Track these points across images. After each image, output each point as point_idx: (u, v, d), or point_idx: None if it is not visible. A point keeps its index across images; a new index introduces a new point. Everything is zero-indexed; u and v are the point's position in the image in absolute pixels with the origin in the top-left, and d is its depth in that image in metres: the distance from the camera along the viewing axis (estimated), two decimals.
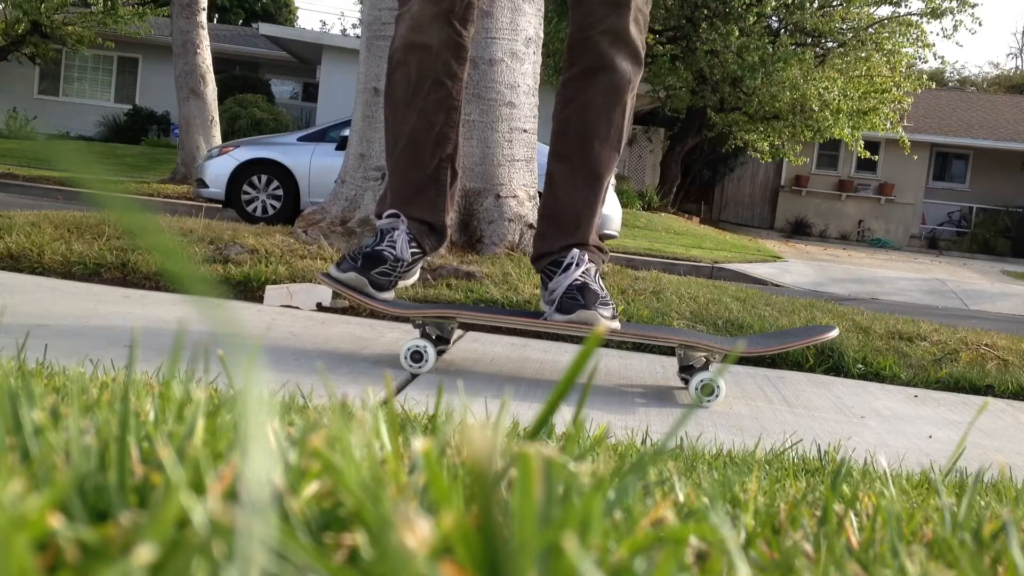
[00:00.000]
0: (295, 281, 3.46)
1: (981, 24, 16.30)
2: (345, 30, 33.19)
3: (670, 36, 16.50)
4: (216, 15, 30.19)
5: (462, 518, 0.35)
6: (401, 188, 2.47)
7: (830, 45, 16.69)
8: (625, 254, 9.52)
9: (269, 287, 3.36)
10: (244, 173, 9.39)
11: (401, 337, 2.83)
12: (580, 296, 2.28)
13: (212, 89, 12.59)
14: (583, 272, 2.33)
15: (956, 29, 16.36)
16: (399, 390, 2.09)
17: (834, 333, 2.44)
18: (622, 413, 2.13)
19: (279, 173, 9.40)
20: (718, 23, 15.18)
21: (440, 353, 2.47)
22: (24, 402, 0.51)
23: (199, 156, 11.62)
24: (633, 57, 2.40)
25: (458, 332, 2.99)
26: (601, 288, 2.36)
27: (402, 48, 2.42)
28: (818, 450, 1.65)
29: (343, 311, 3.30)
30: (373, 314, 3.18)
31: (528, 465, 0.35)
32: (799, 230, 22.38)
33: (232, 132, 16.27)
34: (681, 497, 0.61)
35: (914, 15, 16.36)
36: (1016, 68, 45.45)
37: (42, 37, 19.63)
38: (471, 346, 2.84)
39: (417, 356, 2.32)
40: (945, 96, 25.48)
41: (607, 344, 3.07)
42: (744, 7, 14.95)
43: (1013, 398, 3.00)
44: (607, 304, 2.33)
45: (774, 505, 0.65)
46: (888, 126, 16.53)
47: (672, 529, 0.45)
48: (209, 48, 12.61)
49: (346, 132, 6.46)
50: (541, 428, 0.48)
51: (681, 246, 11.61)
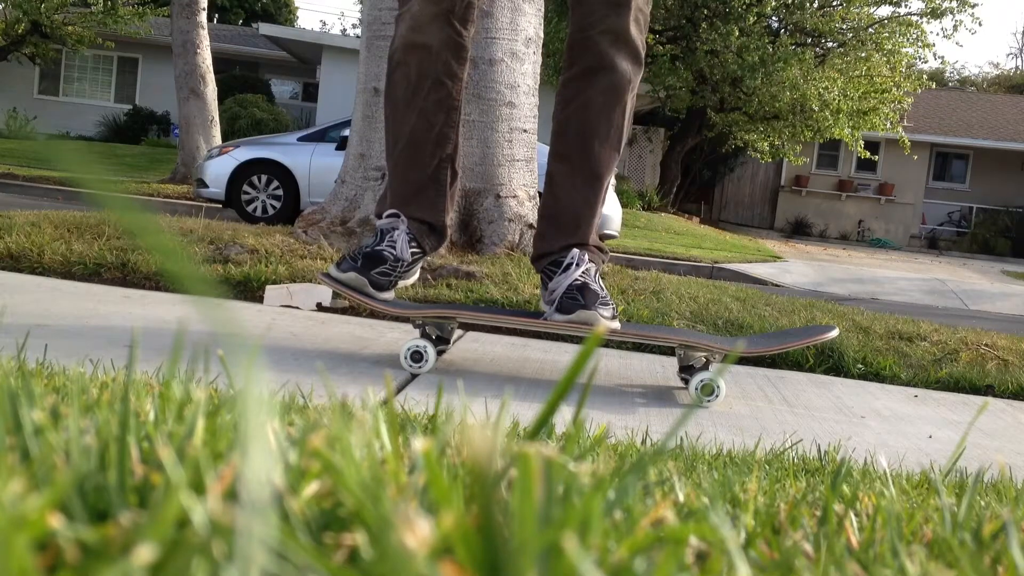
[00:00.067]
0: (295, 281, 3.46)
1: (981, 24, 16.31)
2: (345, 30, 33.21)
3: (670, 36, 16.50)
4: (216, 15, 30.19)
5: (462, 518, 0.35)
6: (401, 188, 2.47)
7: (830, 45, 16.69)
8: (625, 254, 9.52)
9: (269, 287, 3.36)
10: (244, 173, 9.39)
11: (401, 337, 2.83)
12: (580, 296, 2.28)
13: (212, 89, 12.59)
14: (583, 272, 2.33)
15: (956, 29, 16.37)
16: (399, 390, 2.09)
17: (834, 333, 2.44)
18: (622, 413, 2.13)
19: (279, 173, 9.40)
20: (718, 23, 15.18)
21: (440, 353, 2.47)
22: (24, 402, 0.51)
23: (199, 156, 11.62)
24: (633, 57, 2.40)
25: (458, 332, 2.99)
26: (601, 288, 2.36)
27: (402, 48, 2.42)
28: (818, 450, 1.65)
29: (343, 311, 3.30)
30: (373, 314, 3.18)
31: (528, 465, 0.35)
32: (799, 230, 22.39)
33: (232, 132, 16.27)
34: (681, 497, 0.61)
35: (914, 15, 16.36)
36: (1016, 68, 45.46)
37: (42, 37, 19.63)
38: (471, 346, 2.84)
39: (417, 356, 2.32)
40: (945, 96, 25.48)
41: (607, 344, 3.07)
42: (744, 7, 14.95)
43: (1013, 398, 3.00)
44: (607, 304, 2.33)
45: (774, 505, 0.65)
46: (888, 126, 16.53)
47: (672, 529, 0.45)
48: (209, 48, 12.61)
49: (346, 132, 6.46)
50: (541, 428, 0.48)
51: (681, 246, 11.61)
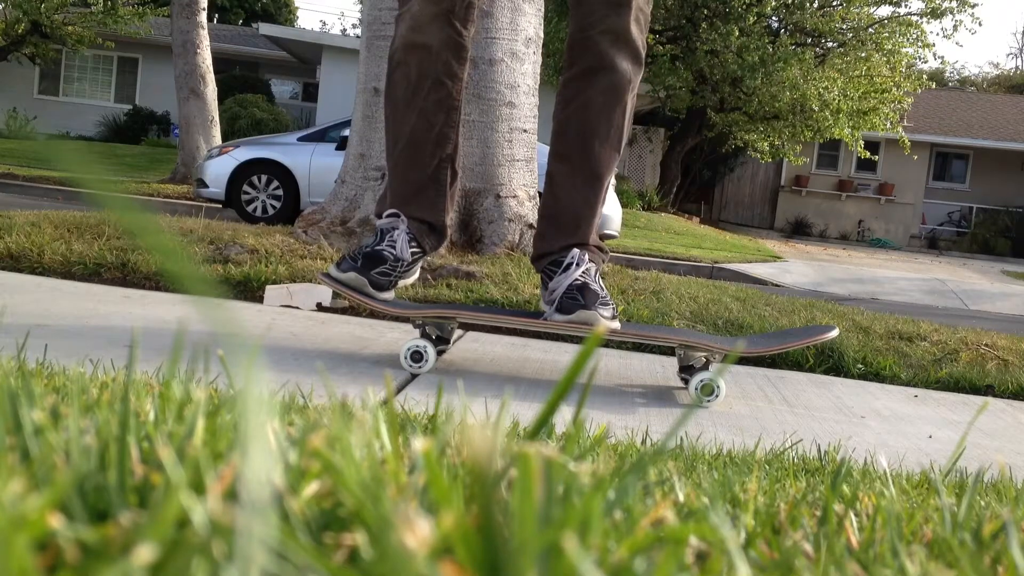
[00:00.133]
0: (295, 281, 3.46)
1: (981, 24, 16.31)
2: (345, 30, 33.22)
3: (670, 36, 16.50)
4: (216, 15, 30.19)
5: (462, 518, 0.35)
6: (401, 188, 2.47)
7: (830, 45, 16.69)
8: (625, 254, 9.52)
9: (269, 287, 3.36)
10: (244, 173, 9.39)
11: (401, 337, 2.83)
12: (580, 296, 2.28)
13: (212, 89, 12.59)
14: (583, 272, 2.33)
15: (956, 29, 16.37)
16: (399, 390, 2.09)
17: (834, 333, 2.44)
18: (622, 413, 2.13)
19: (279, 173, 9.40)
20: (718, 23, 15.18)
21: (440, 353, 2.47)
22: (24, 402, 0.51)
23: (199, 156, 11.62)
24: (633, 57, 2.40)
25: (458, 332, 2.99)
26: (601, 288, 2.36)
27: (402, 48, 2.41)
28: (818, 450, 1.65)
29: (343, 311, 3.30)
30: (373, 314, 3.18)
31: (528, 465, 0.35)
32: (799, 230, 22.39)
33: (232, 132, 16.28)
34: (681, 497, 0.61)
35: (914, 15, 16.36)
36: (1016, 68, 45.46)
37: (42, 37, 19.63)
38: (471, 346, 2.84)
39: (417, 356, 2.32)
40: (945, 96, 25.48)
41: (607, 344, 3.07)
42: (744, 7, 14.95)
43: (1013, 398, 3.00)
44: (607, 304, 2.33)
45: (774, 505, 0.65)
46: (888, 126, 16.53)
47: (672, 529, 0.45)
48: (209, 48, 12.61)
49: (346, 132, 6.46)
50: (541, 428, 0.48)
51: (681, 246, 11.61)
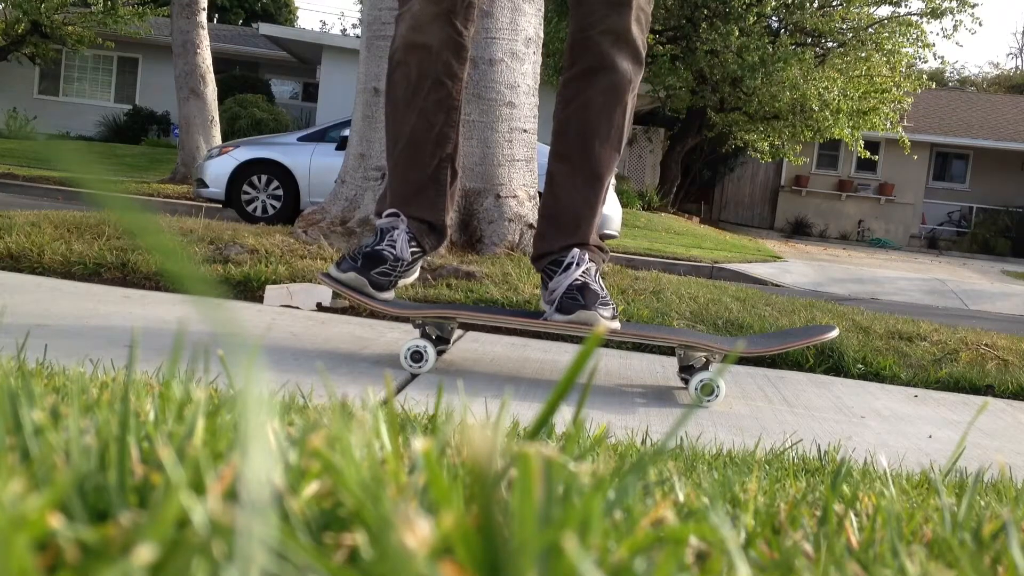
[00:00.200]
0: (295, 281, 3.46)
1: (981, 24, 16.30)
2: (345, 30, 33.22)
3: (670, 36, 16.50)
4: (216, 15, 30.19)
5: (462, 518, 0.35)
6: (401, 188, 2.47)
7: (830, 45, 16.69)
8: (625, 254, 9.52)
9: (269, 287, 3.36)
10: (244, 173, 9.39)
11: (401, 337, 2.83)
12: (580, 296, 2.28)
13: (212, 89, 12.59)
14: (583, 272, 2.33)
15: (956, 29, 16.37)
16: (399, 390, 2.09)
17: (834, 333, 2.44)
18: (622, 413, 2.13)
19: (279, 173, 9.40)
20: (718, 23, 15.18)
21: (440, 353, 2.47)
22: (24, 402, 0.51)
23: (199, 156, 11.62)
24: (634, 57, 2.40)
25: (458, 332, 2.99)
26: (601, 288, 2.36)
27: (403, 48, 2.41)
28: (818, 450, 1.65)
29: (343, 311, 3.30)
30: (373, 314, 3.18)
31: (528, 465, 0.35)
32: (799, 230, 22.38)
33: (232, 132, 16.27)
34: (681, 497, 0.61)
35: (914, 15, 16.36)
36: (1016, 68, 45.46)
37: (42, 37, 19.63)
38: (471, 346, 2.84)
39: (417, 356, 2.32)
40: (945, 96, 25.47)
41: (607, 344, 3.07)
42: (744, 7, 14.95)
43: (1013, 398, 3.00)
44: (607, 304, 2.33)
45: (774, 505, 0.65)
46: (888, 126, 16.53)
47: (672, 529, 0.45)
48: (209, 48, 12.61)
49: (346, 132, 6.46)
50: (541, 428, 0.48)
51: (681, 246, 11.61)
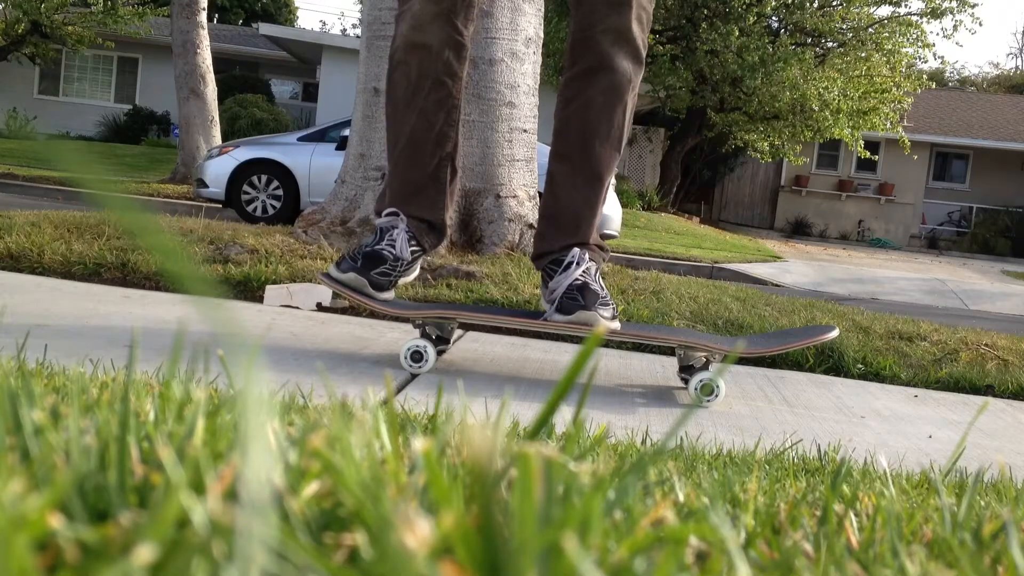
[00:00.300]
0: (295, 281, 3.46)
1: (981, 24, 16.30)
2: (345, 30, 33.23)
3: (670, 36, 16.50)
4: (216, 15, 30.19)
5: (462, 518, 0.35)
6: (401, 187, 2.47)
7: (830, 45, 16.69)
8: (625, 254, 9.52)
9: (269, 287, 3.36)
10: (244, 173, 9.39)
11: (401, 337, 2.83)
12: (580, 296, 2.28)
13: (212, 89, 12.59)
14: (584, 271, 2.33)
15: (956, 29, 16.37)
16: (399, 390, 2.09)
17: (834, 333, 2.44)
18: (622, 413, 2.13)
19: (279, 173, 9.40)
20: (718, 23, 15.18)
21: (440, 353, 2.47)
22: (24, 402, 0.51)
23: (199, 156, 11.62)
24: (634, 56, 2.40)
25: (458, 332, 2.99)
26: (601, 288, 2.36)
27: (403, 48, 2.41)
28: (818, 450, 1.65)
29: (343, 311, 3.30)
30: (373, 314, 3.18)
31: (528, 465, 0.35)
32: (799, 230, 22.38)
33: (232, 132, 16.27)
34: (681, 497, 0.61)
35: (914, 15, 16.36)
36: (1016, 68, 45.46)
37: (42, 37, 19.63)
38: (471, 346, 2.84)
39: (417, 356, 2.32)
40: (945, 96, 25.47)
41: (607, 344, 3.07)
42: (744, 7, 14.95)
43: (1013, 398, 3.00)
44: (607, 304, 2.33)
45: (774, 505, 0.65)
46: (888, 126, 16.53)
47: (672, 529, 0.45)
48: (209, 48, 12.61)
49: (346, 132, 6.46)
50: (541, 428, 0.48)
51: (681, 246, 11.61)
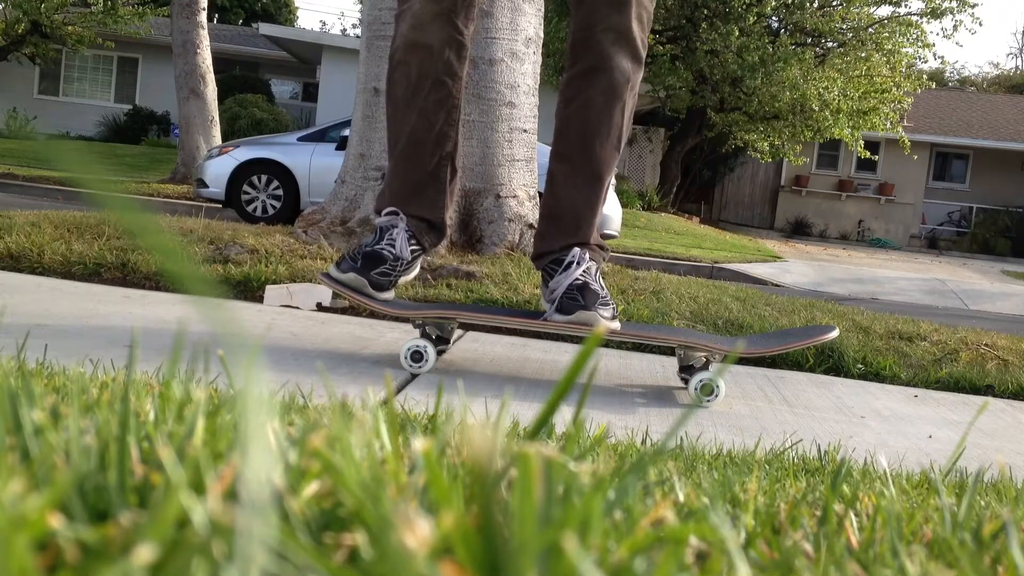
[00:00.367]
0: (295, 281, 3.46)
1: (981, 24, 16.30)
2: (345, 30, 33.24)
3: (670, 36, 16.50)
4: (216, 15, 30.19)
5: (462, 518, 0.35)
6: (401, 186, 2.47)
7: (830, 45, 16.69)
8: (625, 254, 9.52)
9: (269, 287, 3.36)
10: (244, 173, 9.39)
11: (401, 337, 2.83)
12: (580, 296, 2.28)
13: (212, 89, 12.59)
14: (584, 271, 2.33)
15: (956, 29, 16.37)
16: (399, 390, 2.09)
17: (834, 333, 2.44)
18: (622, 413, 2.13)
19: (279, 173, 9.40)
20: (718, 23, 15.18)
21: (440, 353, 2.47)
22: (24, 402, 0.51)
23: (199, 156, 11.62)
24: (633, 56, 2.40)
25: (458, 332, 2.99)
26: (602, 288, 2.36)
27: (403, 47, 2.41)
28: (818, 450, 1.65)
29: (343, 311, 3.30)
30: (373, 314, 3.18)
31: (528, 465, 0.35)
32: (799, 230, 22.38)
33: (232, 132, 16.27)
34: (681, 497, 0.61)
35: (914, 15, 16.36)
36: (1016, 68, 45.46)
37: (42, 37, 19.63)
38: (471, 346, 2.84)
39: (417, 356, 2.32)
40: (945, 96, 25.47)
41: (607, 344, 3.07)
42: (744, 7, 14.95)
43: (1013, 398, 3.00)
44: (607, 304, 2.33)
45: (774, 505, 0.65)
46: (888, 126, 16.53)
47: (672, 529, 0.45)
48: (209, 48, 12.61)
49: (346, 132, 6.46)
50: (541, 428, 0.48)
51: (681, 246, 11.61)
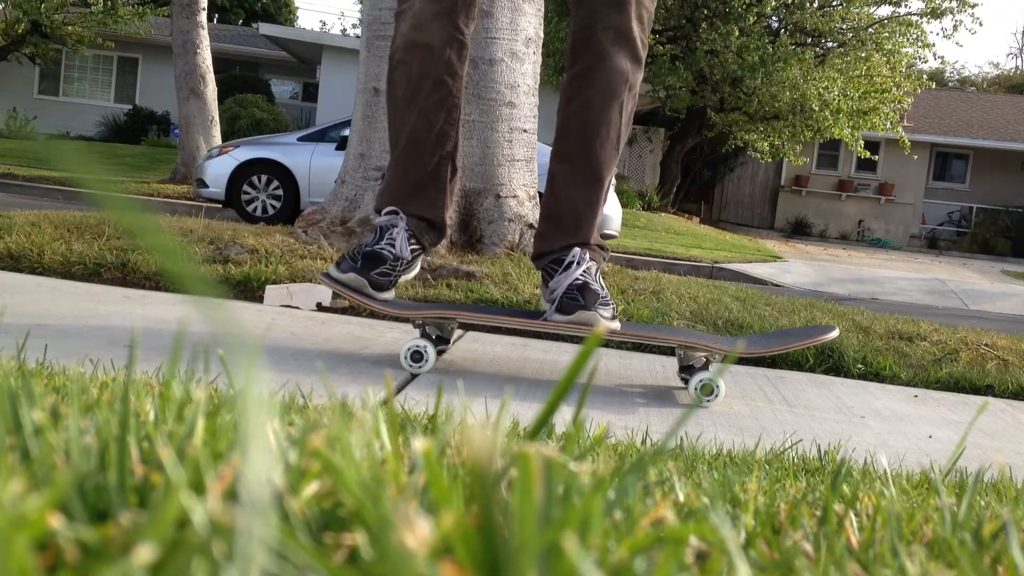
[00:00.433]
0: (295, 281, 3.46)
1: (981, 24, 16.30)
2: (345, 30, 33.25)
3: (670, 36, 16.50)
4: (216, 15, 30.19)
5: (462, 518, 0.35)
6: (401, 186, 2.47)
7: (830, 45, 16.69)
8: (625, 254, 9.52)
9: (269, 287, 3.35)
10: (244, 173, 9.39)
11: (401, 337, 2.83)
12: (580, 296, 2.28)
13: (212, 89, 12.59)
14: (584, 271, 2.33)
15: (956, 29, 16.37)
16: (399, 390, 2.09)
17: (834, 333, 2.44)
18: (622, 413, 2.13)
19: (279, 173, 9.40)
20: (718, 23, 15.18)
21: (440, 353, 2.47)
22: (24, 402, 0.51)
23: (199, 156, 11.62)
24: (633, 56, 2.40)
25: (458, 332, 2.99)
26: (602, 288, 2.36)
27: (403, 47, 2.41)
28: (818, 450, 1.65)
29: (343, 311, 3.30)
30: (373, 314, 3.18)
31: (528, 465, 0.35)
32: (799, 230, 22.38)
33: (232, 132, 16.27)
34: (681, 497, 0.61)
35: (914, 15, 16.36)
36: (1016, 68, 45.46)
37: (42, 37, 19.62)
38: (471, 346, 2.84)
39: (417, 356, 2.32)
40: (945, 96, 25.47)
41: (607, 344, 3.07)
42: (744, 7, 14.95)
43: (1013, 398, 3.00)
44: (607, 304, 2.33)
45: (774, 505, 0.65)
46: (888, 126, 16.53)
47: (672, 529, 0.45)
48: (209, 48, 12.61)
49: (346, 132, 6.46)
50: (541, 428, 0.48)
51: (681, 246, 11.61)
